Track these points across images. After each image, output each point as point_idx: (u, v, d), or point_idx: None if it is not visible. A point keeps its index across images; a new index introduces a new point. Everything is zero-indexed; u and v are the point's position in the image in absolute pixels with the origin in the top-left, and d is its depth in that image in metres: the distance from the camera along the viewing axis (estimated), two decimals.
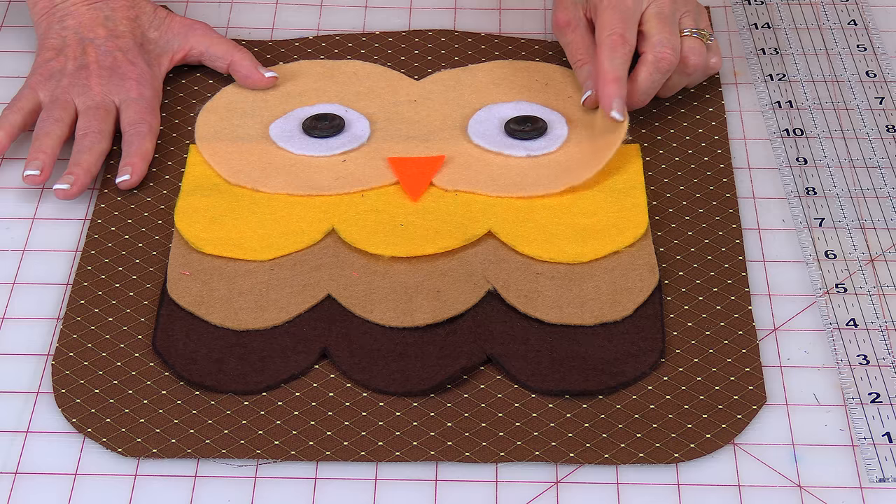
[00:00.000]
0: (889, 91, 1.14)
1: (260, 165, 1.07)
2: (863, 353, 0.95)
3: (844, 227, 1.03)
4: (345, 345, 0.95)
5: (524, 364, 0.94)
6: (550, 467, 0.89)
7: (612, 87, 1.06)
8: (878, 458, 0.89)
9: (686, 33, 1.10)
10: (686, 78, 1.11)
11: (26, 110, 1.09)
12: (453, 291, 0.98)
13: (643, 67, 1.08)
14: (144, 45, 1.13)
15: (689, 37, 1.10)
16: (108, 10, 1.13)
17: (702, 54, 1.10)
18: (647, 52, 1.08)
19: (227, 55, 1.14)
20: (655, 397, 0.92)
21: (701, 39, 1.10)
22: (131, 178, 1.06)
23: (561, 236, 1.01)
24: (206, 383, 0.93)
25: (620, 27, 1.07)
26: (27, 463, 0.90)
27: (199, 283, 0.99)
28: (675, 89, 1.12)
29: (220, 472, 0.89)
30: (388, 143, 1.09)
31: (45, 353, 0.96)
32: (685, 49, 1.09)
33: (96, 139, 1.07)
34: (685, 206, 1.05)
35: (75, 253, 1.03)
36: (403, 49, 1.18)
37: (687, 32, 1.10)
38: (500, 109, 1.11)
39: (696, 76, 1.11)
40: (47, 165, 1.06)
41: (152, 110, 1.10)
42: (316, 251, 1.01)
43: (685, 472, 0.89)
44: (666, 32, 1.08)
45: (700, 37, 1.10)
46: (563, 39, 1.14)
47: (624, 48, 1.07)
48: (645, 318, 0.97)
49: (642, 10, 1.09)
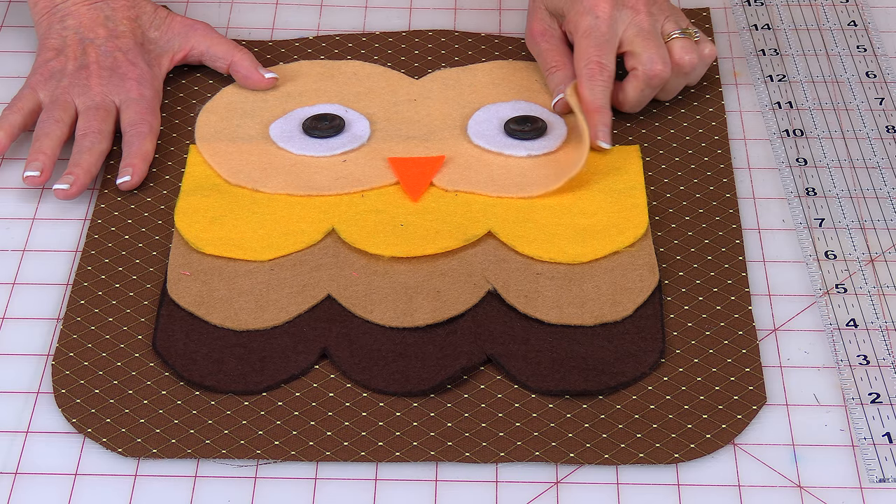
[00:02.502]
0: (889, 91, 1.14)
1: (260, 165, 1.07)
2: (863, 353, 0.95)
3: (844, 227, 1.03)
4: (345, 345, 0.95)
5: (524, 364, 0.94)
6: (550, 467, 0.89)
7: (596, 116, 1.07)
8: (878, 459, 0.89)
9: (674, 36, 1.10)
10: (685, 78, 1.11)
11: (26, 110, 1.09)
12: (453, 291, 0.98)
13: (634, 83, 1.09)
14: (145, 45, 1.13)
15: (677, 39, 1.10)
16: (109, 10, 1.13)
17: (694, 51, 1.10)
18: (638, 69, 1.08)
19: (227, 55, 1.14)
20: (655, 397, 0.92)
21: (688, 38, 1.10)
22: (132, 179, 1.06)
23: (561, 236, 1.01)
24: (206, 383, 0.93)
25: (596, 54, 1.07)
26: (27, 463, 0.90)
27: (199, 283, 0.99)
28: (675, 91, 1.12)
29: (220, 473, 0.89)
30: (388, 144, 1.09)
31: (45, 353, 0.96)
32: (676, 53, 1.09)
33: (96, 139, 1.07)
34: (685, 206, 1.05)
35: (75, 253, 1.03)
36: (403, 49, 1.18)
37: (674, 35, 1.10)
38: (499, 109, 1.11)
39: (696, 73, 1.11)
40: (47, 166, 1.06)
41: (153, 110, 1.10)
42: (316, 251, 1.01)
43: (685, 472, 0.89)
44: (652, 48, 1.08)
45: (686, 36, 1.10)
46: (536, 49, 1.14)
47: (602, 75, 1.07)
48: (645, 318, 0.97)
49: (619, 34, 1.09)
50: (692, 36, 1.10)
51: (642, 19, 1.09)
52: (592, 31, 1.08)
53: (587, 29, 1.08)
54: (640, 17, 1.09)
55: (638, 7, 1.09)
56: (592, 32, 1.08)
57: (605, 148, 1.07)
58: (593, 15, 1.08)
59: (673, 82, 1.10)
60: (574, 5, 1.09)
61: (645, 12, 1.09)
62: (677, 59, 1.09)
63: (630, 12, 1.09)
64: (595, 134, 1.06)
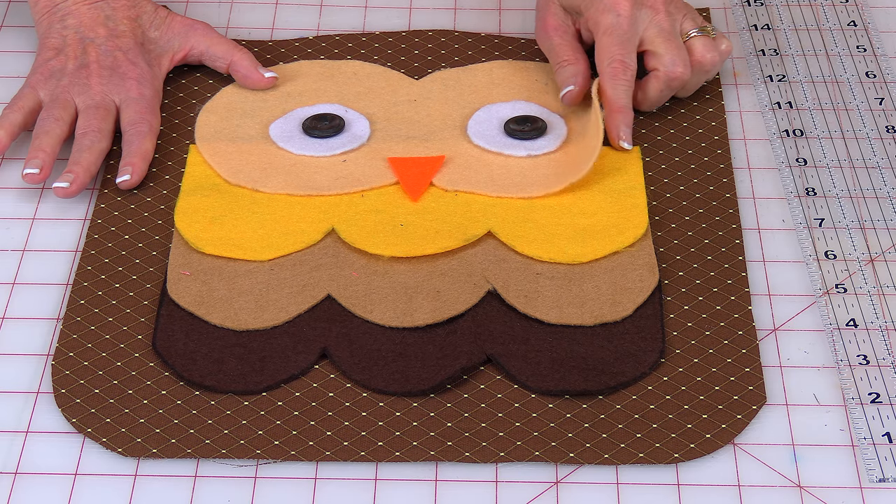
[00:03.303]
0: (889, 91, 1.14)
1: (260, 165, 1.07)
2: (863, 353, 0.95)
3: (844, 227, 1.03)
4: (345, 345, 0.95)
5: (524, 364, 0.94)
6: (550, 467, 0.89)
7: (619, 116, 1.07)
8: (878, 458, 0.89)
9: (693, 35, 1.10)
10: (705, 76, 1.12)
11: (26, 109, 1.09)
12: (453, 291, 0.98)
13: (655, 83, 1.09)
14: (145, 44, 1.13)
15: (697, 38, 1.10)
16: (109, 9, 1.13)
17: (714, 49, 1.10)
18: (659, 69, 1.09)
19: (227, 55, 1.14)
20: (655, 397, 0.92)
21: (707, 35, 1.10)
22: (131, 178, 1.06)
23: (561, 236, 1.01)
24: (206, 383, 0.93)
25: (620, 53, 1.07)
26: (27, 463, 0.90)
27: (199, 283, 0.99)
28: (695, 89, 1.13)
29: (220, 472, 0.89)
30: (388, 144, 1.09)
31: (45, 353, 0.96)
32: (698, 52, 1.10)
33: (96, 138, 1.07)
34: (685, 206, 1.05)
35: (75, 253, 1.03)
36: (403, 49, 1.18)
37: (693, 34, 1.10)
38: (499, 109, 1.11)
39: (715, 69, 1.12)
40: (47, 164, 1.06)
41: (152, 110, 1.10)
42: (316, 251, 1.01)
43: (685, 472, 0.89)
44: (673, 49, 1.08)
45: (705, 34, 1.10)
46: (547, 43, 1.13)
47: (625, 74, 1.07)
48: (645, 318, 0.97)
49: (640, 32, 1.09)
50: (710, 33, 1.10)
51: (662, 19, 1.09)
52: (615, 28, 1.08)
53: (609, 27, 1.08)
54: (659, 17, 1.09)
55: (657, 6, 1.09)
56: (615, 30, 1.08)
57: (627, 149, 1.07)
58: (615, 13, 1.08)
59: (693, 81, 1.11)
60: (593, 2, 1.09)
61: (664, 11, 1.09)
62: (699, 57, 1.10)
63: (650, 11, 1.09)
64: (617, 134, 1.07)
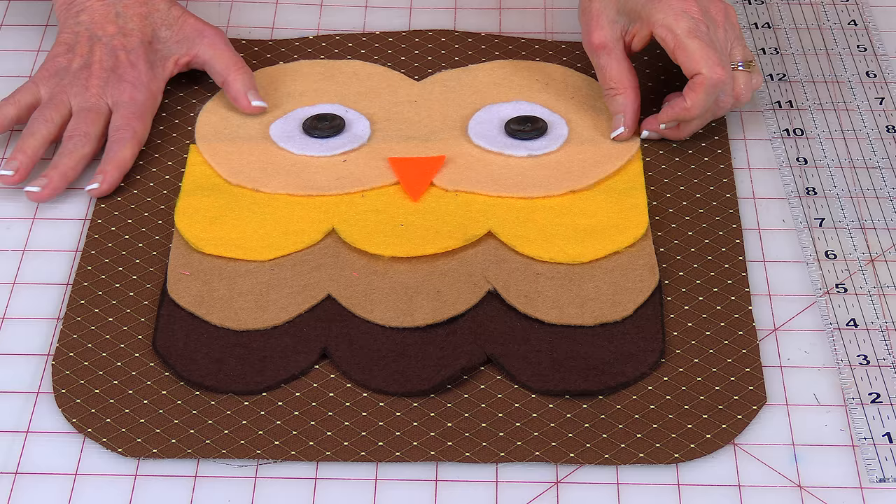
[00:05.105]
0: (889, 91, 1.14)
1: (260, 165, 1.07)
2: (863, 353, 0.95)
3: (844, 227, 1.03)
4: (345, 345, 0.95)
5: (524, 364, 0.94)
6: (550, 467, 0.89)
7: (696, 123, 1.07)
8: (879, 459, 0.89)
9: (740, 68, 1.07)
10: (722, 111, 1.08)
11: (23, 104, 1.09)
12: (453, 291, 0.98)
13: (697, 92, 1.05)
14: (153, 43, 1.13)
15: (742, 73, 1.07)
16: (121, 6, 1.12)
17: (750, 88, 1.07)
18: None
19: (224, 72, 1.11)
20: (655, 397, 0.92)
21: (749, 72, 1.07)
22: (101, 186, 1.05)
23: (561, 236, 1.01)
24: (206, 383, 0.93)
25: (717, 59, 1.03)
26: (27, 463, 0.90)
27: (199, 283, 0.99)
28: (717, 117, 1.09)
29: (220, 472, 0.89)
30: (388, 144, 1.09)
31: (45, 353, 0.96)
32: (738, 87, 1.06)
33: (80, 142, 1.06)
34: (685, 206, 1.05)
35: (75, 253, 1.03)
36: (403, 49, 1.18)
37: (740, 67, 1.07)
38: (500, 109, 1.11)
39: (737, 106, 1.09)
40: (24, 166, 1.05)
41: (140, 116, 1.09)
42: (316, 251, 1.01)
43: (685, 473, 0.89)
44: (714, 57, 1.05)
45: (748, 69, 1.07)
46: (593, 60, 1.10)
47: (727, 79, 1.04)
48: (645, 318, 0.97)
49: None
50: (750, 68, 1.07)
51: (720, 35, 1.06)
52: (696, 31, 1.04)
53: (690, 30, 1.04)
54: (719, 32, 1.06)
55: (718, 20, 1.06)
56: (698, 33, 1.04)
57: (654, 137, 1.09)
58: (689, 16, 1.04)
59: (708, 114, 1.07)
60: (660, 7, 1.05)
61: (722, 27, 1.06)
62: (737, 92, 1.07)
63: (712, 23, 1.06)
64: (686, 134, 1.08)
